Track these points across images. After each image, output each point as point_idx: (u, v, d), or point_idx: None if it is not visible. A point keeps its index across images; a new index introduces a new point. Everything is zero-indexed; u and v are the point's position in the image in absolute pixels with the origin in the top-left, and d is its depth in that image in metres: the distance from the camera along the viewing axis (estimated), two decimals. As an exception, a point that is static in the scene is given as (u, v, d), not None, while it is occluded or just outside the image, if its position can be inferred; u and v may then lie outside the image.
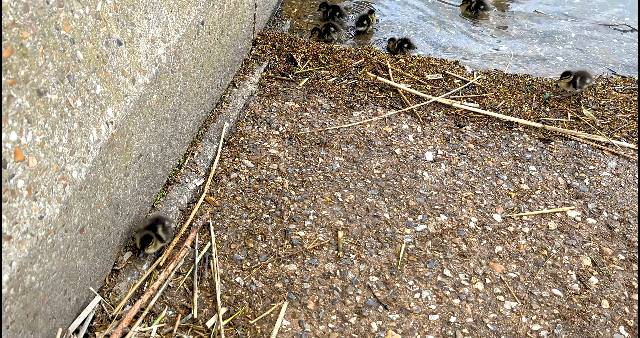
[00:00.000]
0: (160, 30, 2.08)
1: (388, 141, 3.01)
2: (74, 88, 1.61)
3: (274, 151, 2.90)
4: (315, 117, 3.14)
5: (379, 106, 3.24)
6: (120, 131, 1.89)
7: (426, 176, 2.82)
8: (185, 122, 2.61)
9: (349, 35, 3.93)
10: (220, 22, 2.75)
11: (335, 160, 2.88)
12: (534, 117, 3.19)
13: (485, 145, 3.02)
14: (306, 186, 2.73)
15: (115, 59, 1.81)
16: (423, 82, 3.40)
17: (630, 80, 3.50)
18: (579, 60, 3.77)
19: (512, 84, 3.41)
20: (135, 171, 2.14)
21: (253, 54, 3.52)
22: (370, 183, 2.77)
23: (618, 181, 2.84)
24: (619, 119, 3.19)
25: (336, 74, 3.44)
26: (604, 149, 3.01)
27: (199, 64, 2.58)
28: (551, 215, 2.66)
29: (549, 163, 2.93)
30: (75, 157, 1.63)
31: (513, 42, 3.92)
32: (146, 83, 2.01)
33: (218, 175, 2.74)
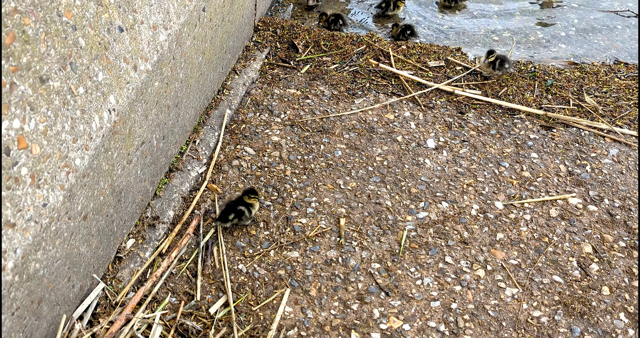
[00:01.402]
0: (161, 17, 2.06)
1: (390, 128, 3.01)
2: (76, 75, 1.61)
3: (276, 139, 2.90)
4: (317, 104, 3.13)
5: (380, 93, 3.22)
6: (123, 119, 1.88)
7: (428, 164, 2.82)
8: (187, 110, 2.60)
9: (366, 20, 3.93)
10: (222, 8, 2.73)
11: (337, 147, 2.88)
12: (536, 105, 3.18)
13: (487, 132, 3.01)
14: (308, 174, 2.73)
15: (117, 46, 1.80)
16: (425, 69, 3.39)
17: (632, 67, 3.48)
18: (581, 46, 3.75)
19: (514, 70, 3.39)
20: (138, 158, 2.14)
21: (254, 41, 3.50)
22: (372, 171, 2.77)
23: (619, 168, 2.85)
24: (621, 106, 3.19)
25: (338, 61, 3.42)
26: (605, 136, 3.01)
27: (201, 51, 2.57)
28: (552, 202, 2.66)
29: (550, 150, 2.92)
30: (78, 144, 1.63)
31: (515, 28, 3.89)
32: (148, 70, 2.00)
33: (220, 162, 2.74)
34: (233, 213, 2.39)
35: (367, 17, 3.99)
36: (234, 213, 2.39)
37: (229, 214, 2.39)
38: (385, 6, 3.91)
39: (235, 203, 2.40)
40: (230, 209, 2.39)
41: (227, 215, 2.39)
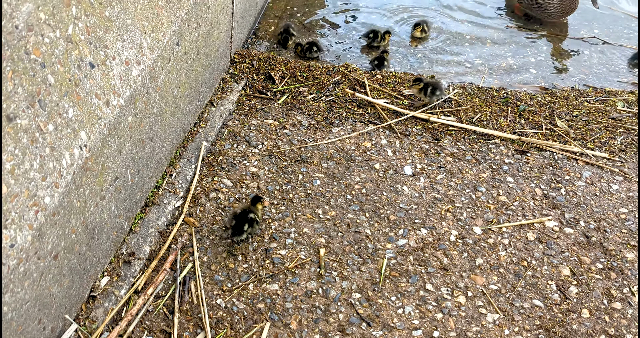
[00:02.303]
0: (134, 52, 2.07)
1: (367, 156, 3.03)
2: (45, 112, 1.60)
3: (254, 169, 2.89)
4: (294, 134, 3.14)
5: (357, 121, 3.25)
6: (95, 155, 1.87)
7: (406, 190, 2.84)
8: (163, 143, 2.59)
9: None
10: (196, 42, 2.76)
11: (315, 177, 2.88)
12: (510, 130, 3.23)
13: (463, 158, 3.05)
14: (287, 204, 2.72)
15: (88, 82, 1.80)
16: (400, 98, 3.44)
17: (601, 91, 3.57)
18: (551, 72, 3.85)
19: (488, 97, 3.46)
20: (112, 194, 2.11)
21: (231, 73, 3.53)
22: (350, 199, 2.77)
23: (593, 190, 2.89)
24: (592, 129, 3.25)
25: (314, 91, 3.46)
26: (578, 159, 3.06)
27: (176, 84, 2.58)
28: (530, 225, 2.68)
29: (525, 174, 2.96)
30: (47, 182, 1.61)
31: (487, 55, 3.99)
32: (121, 105, 1.99)
33: (197, 195, 2.72)
34: (247, 224, 2.44)
35: (350, 48, 4.05)
36: (247, 223, 2.44)
37: (242, 226, 2.42)
38: (372, 37, 3.97)
39: (243, 214, 2.44)
40: (242, 220, 2.43)
41: (241, 227, 2.43)
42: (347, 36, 4.15)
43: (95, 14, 1.84)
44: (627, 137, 3.22)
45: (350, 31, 4.20)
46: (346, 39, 4.12)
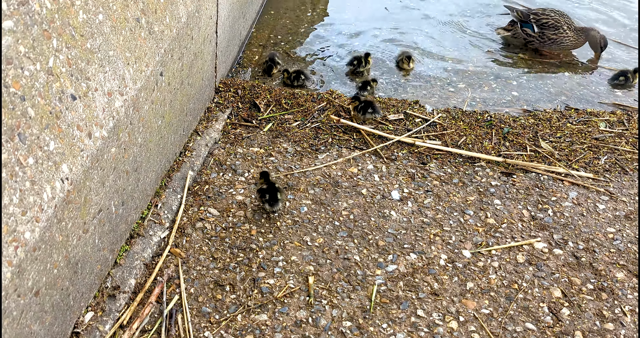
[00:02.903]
0: (117, 83, 2.07)
1: (354, 181, 3.02)
2: (25, 146, 1.57)
3: (240, 198, 2.87)
4: (280, 161, 3.14)
5: (343, 147, 3.26)
6: (77, 187, 1.84)
7: (394, 215, 2.82)
8: (148, 174, 2.56)
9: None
10: (180, 72, 2.76)
11: (302, 203, 2.86)
12: (495, 152, 3.25)
13: (449, 181, 3.05)
14: (274, 232, 2.69)
15: (70, 114, 1.78)
16: (385, 123, 3.46)
17: (582, 112, 3.63)
18: (533, 94, 3.90)
19: (472, 120, 3.49)
20: (95, 227, 2.07)
21: (216, 102, 3.53)
22: (338, 225, 2.75)
23: (580, 210, 2.90)
24: (576, 150, 3.29)
25: (300, 118, 3.47)
26: (564, 180, 3.08)
27: (160, 115, 2.57)
28: (519, 247, 2.68)
29: (512, 196, 2.97)
30: (27, 217, 1.57)
31: (470, 79, 4.04)
32: (104, 137, 1.98)
33: (183, 226, 2.69)
34: (277, 192, 2.72)
35: (334, 75, 4.08)
36: (277, 191, 2.72)
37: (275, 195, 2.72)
38: (357, 63, 4.00)
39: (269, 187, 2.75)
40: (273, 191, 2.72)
41: (275, 197, 2.72)
42: (330, 63, 4.20)
43: (77, 46, 1.84)
44: (611, 157, 3.25)
45: (334, 58, 4.25)
46: (330, 66, 4.17)
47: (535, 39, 4.24)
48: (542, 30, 4.18)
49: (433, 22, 4.83)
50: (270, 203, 2.74)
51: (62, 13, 1.77)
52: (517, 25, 4.27)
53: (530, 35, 4.24)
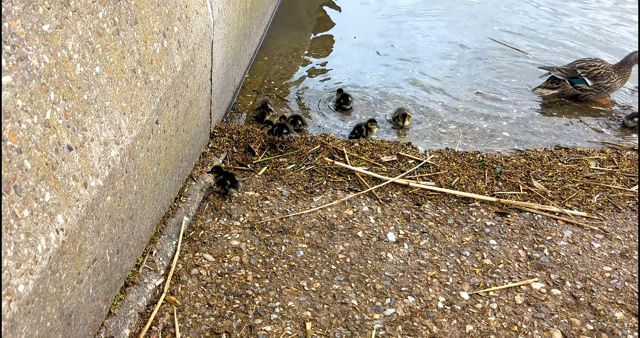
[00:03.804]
0: (113, 133, 2.10)
1: (350, 224, 3.02)
2: (21, 198, 1.58)
3: (236, 243, 2.86)
4: (276, 204, 3.14)
5: (338, 189, 3.28)
6: (72, 237, 1.84)
7: (390, 258, 2.81)
8: (143, 221, 2.56)
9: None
10: (176, 119, 2.81)
11: (298, 247, 2.85)
12: (489, 192, 3.28)
13: (445, 222, 3.06)
14: (270, 277, 2.67)
15: (66, 165, 1.80)
16: (379, 164, 3.49)
17: (573, 151, 3.68)
18: (523, 134, 3.97)
19: (464, 161, 3.53)
20: (89, 276, 2.05)
21: (211, 147, 3.57)
22: (335, 269, 2.74)
23: (576, 249, 2.90)
24: (568, 189, 3.32)
25: (294, 161, 3.50)
26: (558, 219, 3.10)
27: (155, 162, 2.59)
28: (517, 288, 2.66)
29: (508, 236, 2.97)
30: (21, 270, 1.57)
31: (461, 121, 4.11)
32: (99, 186, 1.99)
33: (178, 272, 2.66)
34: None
35: (327, 118, 4.14)
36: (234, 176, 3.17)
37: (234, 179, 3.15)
38: (358, 133, 3.85)
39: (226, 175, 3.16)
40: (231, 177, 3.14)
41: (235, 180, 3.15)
42: (324, 108, 4.27)
43: (74, 98, 1.88)
44: (603, 195, 3.28)
45: (326, 102, 4.33)
46: (324, 111, 4.24)
47: (591, 92, 4.27)
48: (596, 82, 4.22)
49: (427, 67, 4.95)
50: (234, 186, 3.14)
51: (60, 67, 1.82)
52: (565, 82, 4.27)
53: (585, 89, 4.26)
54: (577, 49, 5.27)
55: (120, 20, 2.20)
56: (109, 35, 2.10)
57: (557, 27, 5.73)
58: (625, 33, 5.61)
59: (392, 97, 4.43)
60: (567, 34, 5.55)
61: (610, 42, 5.41)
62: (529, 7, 6.22)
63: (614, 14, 6.07)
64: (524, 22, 5.82)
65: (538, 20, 5.88)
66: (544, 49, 5.24)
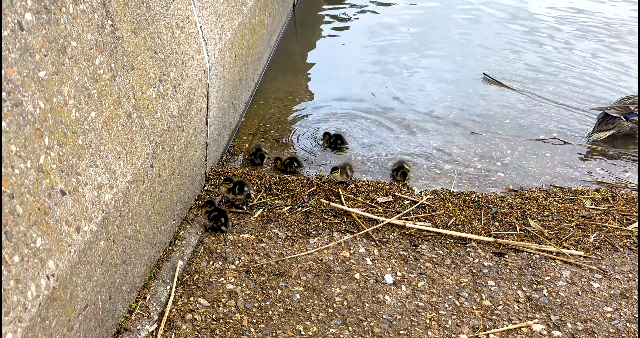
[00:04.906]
0: (107, 177, 2.11)
1: (347, 266, 2.99)
2: (12, 244, 1.57)
3: (231, 287, 2.82)
4: (271, 247, 3.12)
5: (334, 231, 3.26)
6: (63, 284, 1.81)
7: (388, 300, 2.77)
8: (136, 265, 2.53)
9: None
10: (171, 163, 2.82)
11: (294, 291, 2.81)
12: (485, 232, 3.26)
13: (442, 263, 3.03)
14: (266, 322, 2.62)
15: (59, 210, 1.80)
16: (375, 206, 3.49)
17: (567, 190, 3.69)
18: (517, 174, 3.99)
19: (460, 201, 3.53)
20: (80, 323, 2.01)
21: (206, 190, 3.57)
22: (332, 312, 2.69)
23: (575, 290, 2.86)
24: (565, 228, 3.31)
25: (290, 203, 3.50)
26: (555, 258, 3.07)
27: (150, 205, 2.59)
28: (517, 330, 2.61)
29: (506, 277, 2.94)
30: (10, 318, 1.53)
31: (455, 161, 4.14)
32: (92, 230, 1.98)
33: (172, 318, 2.61)
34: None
35: (323, 160, 4.17)
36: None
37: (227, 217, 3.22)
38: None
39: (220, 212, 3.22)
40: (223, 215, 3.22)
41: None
42: (318, 150, 4.31)
43: (68, 143, 1.89)
44: (600, 234, 3.27)
45: (321, 144, 4.36)
46: (318, 152, 4.27)
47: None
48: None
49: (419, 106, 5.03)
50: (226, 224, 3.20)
51: (55, 112, 1.84)
52: (619, 119, 4.37)
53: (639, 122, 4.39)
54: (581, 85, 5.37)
55: (117, 66, 2.25)
56: (105, 81, 2.14)
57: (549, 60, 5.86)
58: (607, 64, 5.74)
59: (385, 137, 4.47)
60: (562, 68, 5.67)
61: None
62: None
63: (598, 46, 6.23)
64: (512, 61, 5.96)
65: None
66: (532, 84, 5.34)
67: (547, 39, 6.66)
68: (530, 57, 6.11)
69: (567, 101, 5.10)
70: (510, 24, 7.13)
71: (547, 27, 7.04)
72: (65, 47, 1.92)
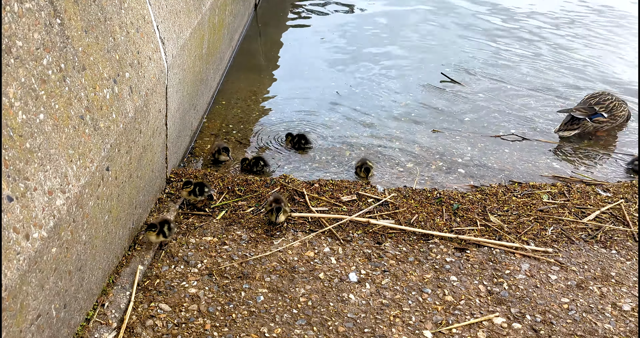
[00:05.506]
0: (58, 181, 2.04)
1: (311, 266, 2.98)
2: (-46, 253, 1.50)
3: (193, 291, 2.77)
4: (235, 249, 3.08)
5: (298, 231, 3.25)
6: (12, 293, 1.74)
7: (352, 299, 2.77)
8: (93, 272, 2.46)
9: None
10: (128, 166, 2.75)
11: (259, 292, 2.78)
12: (447, 228, 3.30)
13: (405, 260, 3.05)
14: (230, 325, 2.59)
15: (5, 217, 1.73)
16: (339, 204, 3.49)
17: (526, 185, 3.77)
18: (478, 170, 4.05)
19: (422, 198, 3.57)
20: (33, 334, 1.94)
21: (167, 193, 3.50)
22: (297, 313, 2.67)
23: (534, 282, 2.92)
24: (523, 222, 3.38)
25: (253, 204, 3.46)
26: (515, 252, 3.13)
27: (106, 210, 2.52)
28: (478, 324, 2.65)
29: (468, 272, 2.98)
30: (-48, 330, 1.46)
31: (417, 160, 4.18)
32: (43, 237, 1.91)
33: (132, 325, 2.55)
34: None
35: (286, 159, 4.14)
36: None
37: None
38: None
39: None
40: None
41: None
42: (282, 150, 4.28)
43: (15, 147, 1.82)
44: (557, 227, 3.35)
45: (283, 143, 4.34)
46: (282, 152, 4.25)
47: (606, 123, 4.55)
48: (612, 113, 4.52)
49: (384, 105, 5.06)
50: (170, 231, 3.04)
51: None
52: (584, 120, 4.50)
53: (602, 121, 4.53)
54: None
55: (67, 67, 2.18)
56: (54, 82, 2.07)
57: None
58: (566, 60, 5.90)
59: (349, 136, 4.48)
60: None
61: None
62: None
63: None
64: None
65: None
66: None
67: (505, 37, 6.80)
68: (488, 54, 6.22)
69: (525, 99, 5.21)
70: (472, 20, 7.25)
71: (505, 24, 7.18)
72: (10, 47, 1.84)
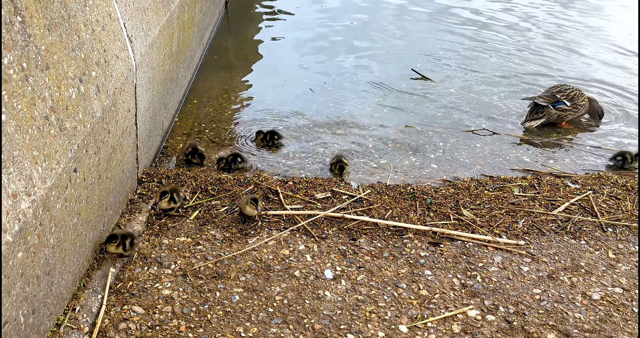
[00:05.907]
0: (23, 184, 1.98)
1: (286, 264, 2.97)
2: None
3: (167, 292, 2.74)
4: (209, 249, 3.05)
5: (273, 229, 3.23)
6: (-24, 299, 1.69)
7: (328, 296, 2.77)
8: (63, 276, 2.41)
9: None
10: (97, 167, 2.70)
11: (234, 292, 2.76)
12: (421, 223, 3.33)
13: (380, 255, 3.06)
14: (205, 326, 2.56)
15: (-32, 221, 1.67)
16: (314, 202, 3.48)
17: (497, 179, 3.83)
18: (450, 165, 4.09)
19: (396, 194, 3.59)
20: (-1, 341, 1.89)
21: (139, 193, 3.45)
22: (272, 312, 2.66)
23: (506, 274, 2.97)
24: (495, 215, 3.43)
25: (227, 203, 3.43)
26: (487, 245, 3.18)
27: (75, 212, 2.46)
28: (453, 317, 2.68)
29: (442, 265, 3.01)
30: None
31: (391, 156, 4.20)
32: (8, 242, 1.86)
33: (104, 329, 2.50)
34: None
35: (259, 158, 4.11)
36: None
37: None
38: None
39: None
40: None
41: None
42: (255, 148, 4.26)
43: (-23, 150, 1.77)
44: (528, 220, 3.41)
45: (257, 145, 4.31)
46: (255, 151, 4.22)
47: (569, 111, 4.63)
48: (574, 102, 4.61)
49: (352, 97, 5.07)
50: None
51: (-39, 117, 1.71)
52: (548, 107, 4.57)
53: (565, 110, 4.61)
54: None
55: (29, 66, 2.12)
56: (16, 82, 2.01)
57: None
58: (533, 56, 6.01)
59: (322, 133, 4.47)
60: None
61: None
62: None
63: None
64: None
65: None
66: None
67: (474, 32, 6.88)
68: (458, 50, 6.28)
69: (495, 93, 5.29)
70: (441, 18, 7.31)
71: (475, 20, 7.27)
72: (-32, 46, 1.78)
